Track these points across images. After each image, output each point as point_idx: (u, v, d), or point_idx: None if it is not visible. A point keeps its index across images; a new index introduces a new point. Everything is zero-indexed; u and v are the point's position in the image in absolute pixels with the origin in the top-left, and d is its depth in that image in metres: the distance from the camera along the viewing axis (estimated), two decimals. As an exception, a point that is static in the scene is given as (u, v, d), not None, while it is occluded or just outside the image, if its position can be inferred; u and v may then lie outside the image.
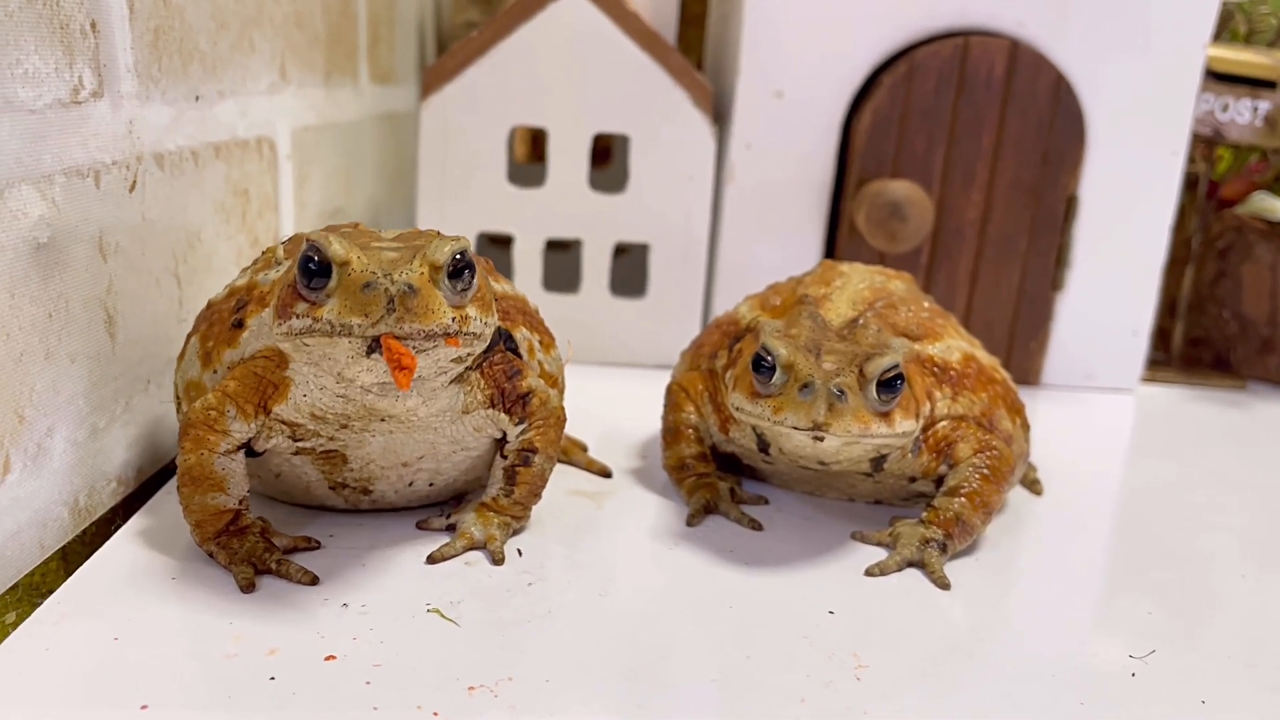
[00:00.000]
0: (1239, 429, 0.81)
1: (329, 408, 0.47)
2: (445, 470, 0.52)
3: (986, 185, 0.80)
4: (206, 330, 0.52)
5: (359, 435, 0.48)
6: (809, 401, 0.49)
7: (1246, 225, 0.90)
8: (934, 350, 0.58)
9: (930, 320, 0.60)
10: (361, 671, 0.41)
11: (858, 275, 0.62)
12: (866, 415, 0.50)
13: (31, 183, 0.46)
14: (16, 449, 0.46)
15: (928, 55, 0.77)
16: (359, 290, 0.41)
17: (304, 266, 0.42)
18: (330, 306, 0.41)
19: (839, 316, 0.57)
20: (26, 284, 0.46)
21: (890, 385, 0.50)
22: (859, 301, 0.59)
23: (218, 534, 0.48)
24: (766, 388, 0.51)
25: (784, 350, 0.51)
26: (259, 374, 0.48)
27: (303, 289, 0.42)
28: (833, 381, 0.49)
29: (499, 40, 0.79)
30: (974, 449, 0.56)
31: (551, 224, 0.83)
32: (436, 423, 0.49)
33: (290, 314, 0.43)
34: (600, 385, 0.80)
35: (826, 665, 0.43)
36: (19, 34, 0.44)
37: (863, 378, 0.50)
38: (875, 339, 0.54)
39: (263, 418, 0.48)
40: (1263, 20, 0.90)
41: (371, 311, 0.41)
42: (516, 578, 0.49)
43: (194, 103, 0.60)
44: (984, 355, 0.61)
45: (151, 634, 0.43)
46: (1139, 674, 0.44)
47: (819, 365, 0.50)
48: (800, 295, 0.60)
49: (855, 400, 0.50)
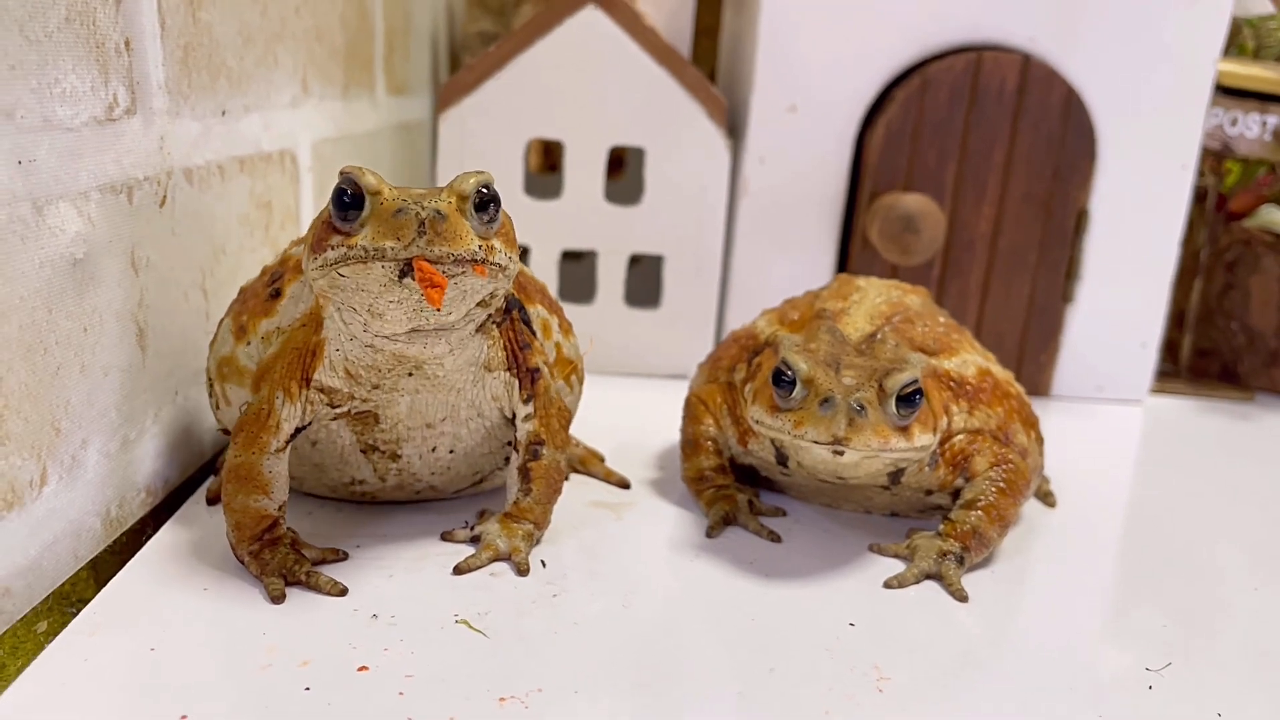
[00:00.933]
0: (1247, 440, 0.81)
1: (360, 359, 0.49)
2: (464, 437, 0.54)
3: (998, 199, 0.81)
4: (239, 309, 0.54)
5: (389, 395, 0.50)
6: (829, 416, 0.50)
7: (1255, 238, 0.90)
8: (950, 365, 0.58)
9: (946, 335, 0.60)
10: (394, 682, 0.42)
11: (874, 289, 0.63)
12: (886, 430, 0.51)
13: (69, 200, 0.47)
14: (53, 461, 0.47)
15: (940, 70, 0.78)
16: (391, 216, 0.43)
17: (338, 199, 0.44)
18: (364, 234, 0.44)
19: (857, 331, 0.58)
20: (63, 299, 0.47)
21: (909, 400, 0.51)
22: (876, 316, 0.60)
23: (254, 538, 0.49)
24: (787, 402, 0.52)
25: (804, 365, 0.52)
26: (297, 348, 0.50)
27: (337, 221, 0.44)
28: (853, 396, 0.50)
29: (516, 54, 0.80)
30: (990, 462, 0.56)
31: (567, 235, 0.84)
32: (459, 381, 0.51)
33: (325, 246, 0.45)
34: (615, 395, 0.80)
35: (849, 677, 0.44)
36: (57, 54, 0.45)
37: (882, 392, 0.51)
38: (894, 354, 0.55)
39: (306, 392, 0.50)
40: (1271, 36, 0.91)
41: (404, 235, 0.43)
42: (541, 589, 0.50)
43: (221, 117, 0.61)
44: (999, 370, 0.62)
45: (187, 645, 0.44)
46: (1155, 686, 0.45)
47: (839, 380, 0.51)
48: (818, 310, 0.61)
49: (875, 415, 0.50)
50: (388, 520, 0.56)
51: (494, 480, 0.58)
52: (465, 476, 0.56)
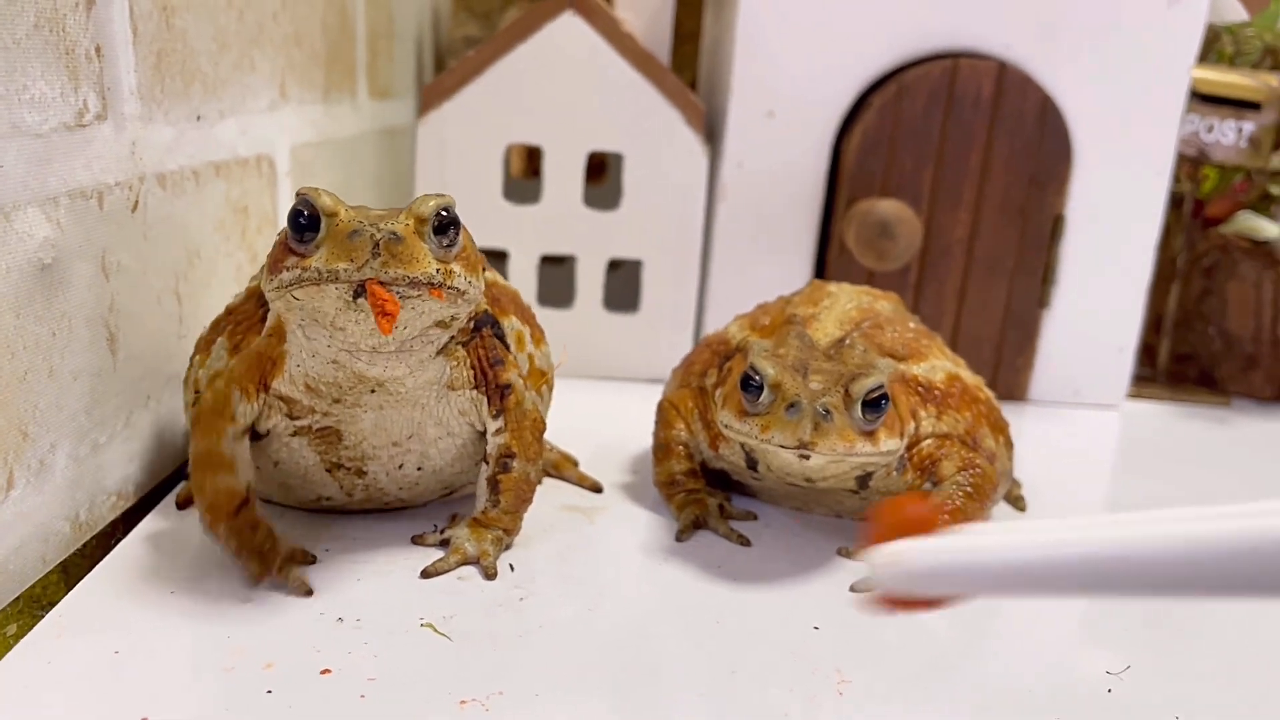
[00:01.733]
0: (1223, 445, 0.82)
1: (321, 376, 0.49)
2: (432, 455, 0.54)
3: (974, 205, 0.82)
4: (234, 329, 0.54)
5: (351, 411, 0.50)
6: (795, 420, 0.51)
7: (1231, 244, 0.91)
8: (919, 370, 0.59)
9: (916, 340, 0.61)
10: (356, 685, 0.42)
11: (845, 295, 0.63)
12: (851, 434, 0.51)
13: (37, 205, 0.47)
14: (20, 465, 0.47)
15: (917, 76, 0.79)
16: (346, 238, 0.43)
17: (294, 221, 0.44)
18: (319, 256, 0.44)
19: (826, 336, 0.58)
20: (31, 304, 0.47)
21: (875, 405, 0.52)
22: (846, 321, 0.60)
23: (229, 515, 0.49)
24: (754, 406, 0.53)
25: (771, 370, 0.52)
26: (260, 353, 0.50)
27: (293, 243, 0.45)
28: (819, 401, 0.51)
29: (496, 59, 0.80)
30: (958, 466, 0.57)
31: (546, 240, 0.84)
32: (423, 398, 0.51)
33: (281, 268, 0.45)
34: (592, 399, 0.81)
35: (810, 680, 0.45)
36: (26, 60, 0.46)
37: (848, 397, 0.51)
38: (861, 358, 0.56)
39: (263, 395, 0.50)
40: (1248, 42, 0.92)
41: (357, 257, 0.43)
42: (509, 593, 0.50)
43: (195, 123, 0.61)
44: (968, 375, 0.62)
45: (151, 647, 0.44)
46: (1115, 690, 0.45)
47: (805, 385, 0.52)
48: (788, 315, 0.61)
49: (841, 419, 0.51)
50: (357, 524, 0.56)
51: (466, 490, 0.59)
52: (435, 490, 0.57)
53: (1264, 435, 0.85)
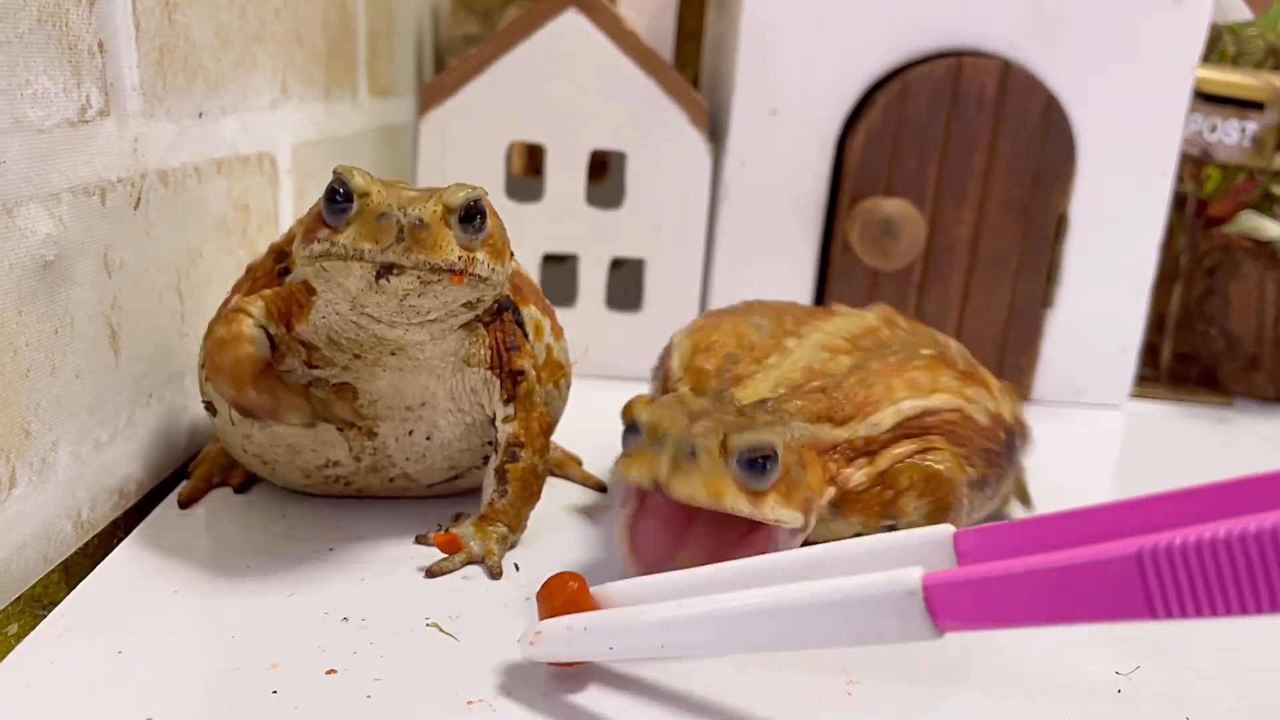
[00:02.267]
0: (1226, 446, 0.82)
1: (343, 332, 0.50)
2: (442, 427, 0.54)
3: (978, 203, 0.81)
4: (250, 288, 0.54)
5: (369, 369, 0.51)
6: (655, 455, 0.45)
7: (1234, 244, 0.91)
8: (856, 431, 0.53)
9: (869, 391, 0.54)
10: (362, 685, 0.42)
11: (800, 351, 0.57)
12: (720, 484, 0.45)
13: (39, 201, 0.47)
14: (22, 463, 0.47)
15: (921, 75, 0.79)
16: (374, 219, 0.44)
17: (330, 195, 0.45)
18: (348, 233, 0.45)
19: (754, 395, 0.53)
20: (33, 301, 0.47)
21: (757, 465, 0.46)
22: (782, 384, 0.54)
23: (253, 378, 0.49)
24: (629, 447, 0.48)
25: (646, 416, 0.47)
26: (292, 292, 0.51)
27: (327, 216, 0.46)
28: (685, 437, 0.45)
29: (498, 57, 0.80)
30: (917, 495, 0.53)
31: (548, 238, 0.84)
32: (440, 367, 0.51)
33: (313, 239, 0.46)
34: (595, 398, 0.80)
35: (817, 681, 0.44)
36: (29, 55, 0.45)
37: (725, 447, 0.45)
38: (774, 416, 0.50)
39: (283, 330, 0.50)
40: (1251, 42, 0.92)
41: (382, 239, 0.44)
42: (514, 592, 0.50)
43: (197, 120, 0.61)
44: (944, 403, 0.56)
45: (155, 648, 0.43)
46: (1124, 690, 0.45)
47: (686, 426, 0.46)
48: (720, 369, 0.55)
49: (710, 464, 0.45)
50: (362, 521, 0.56)
51: (470, 479, 0.58)
52: (441, 469, 0.56)
53: (1266, 436, 0.85)
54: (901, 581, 0.34)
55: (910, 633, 0.34)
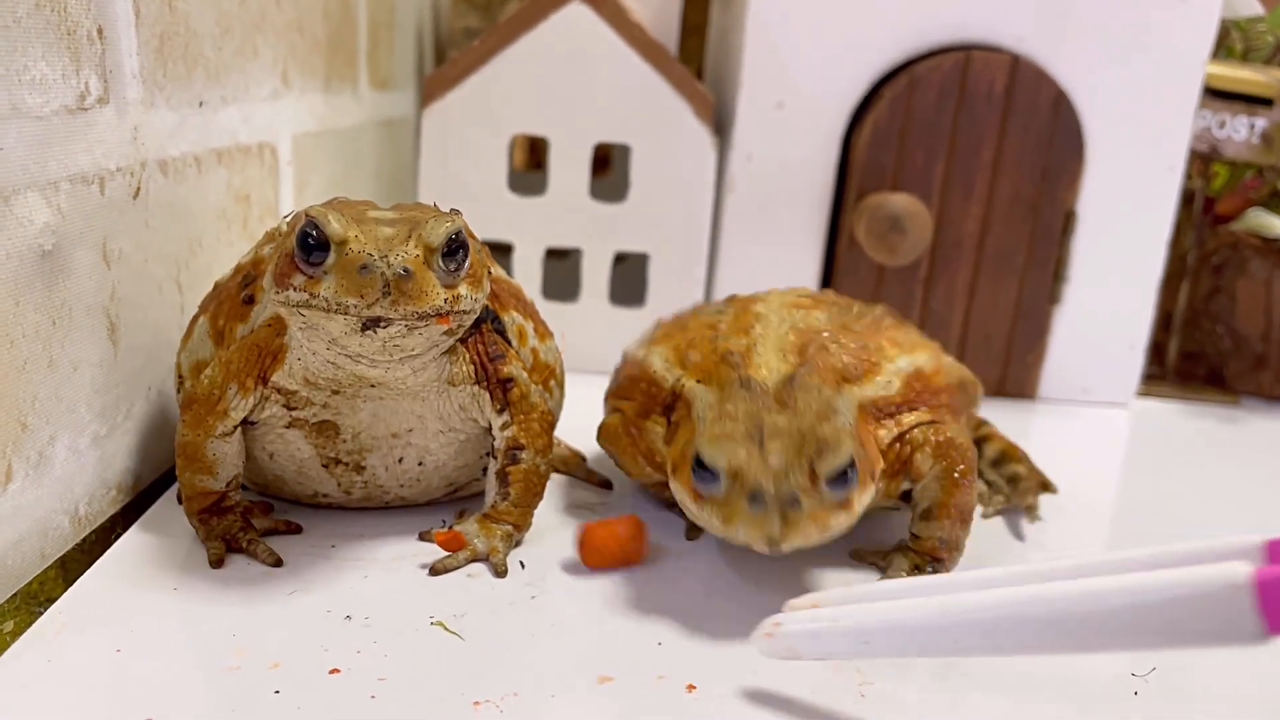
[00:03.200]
0: (1232, 444, 0.81)
1: (320, 372, 0.48)
2: (434, 450, 0.53)
3: (986, 199, 0.81)
4: (216, 309, 0.53)
5: (350, 401, 0.49)
6: (761, 516, 0.45)
7: (1242, 241, 0.90)
8: (872, 390, 0.54)
9: (863, 349, 0.55)
10: (366, 685, 0.41)
11: (774, 314, 0.57)
12: (824, 515, 0.46)
13: (37, 190, 0.46)
14: (19, 457, 0.46)
15: (929, 69, 0.78)
16: (356, 272, 0.42)
17: (303, 242, 0.43)
18: (327, 284, 0.43)
19: (772, 372, 0.51)
20: (31, 291, 0.46)
21: (843, 478, 0.46)
22: (788, 349, 0.53)
23: (202, 510, 0.50)
24: (708, 489, 0.47)
25: (723, 461, 0.46)
26: (259, 346, 0.49)
27: (301, 263, 0.44)
28: (783, 489, 0.45)
29: (501, 49, 0.79)
30: (932, 456, 0.53)
31: (551, 232, 0.83)
32: (424, 392, 0.50)
33: (288, 284, 0.44)
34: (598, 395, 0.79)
35: (832, 682, 0.43)
36: (27, 41, 0.44)
37: (814, 475, 0.46)
38: (820, 402, 0.49)
39: (261, 389, 0.49)
40: (1260, 38, 0.91)
41: (367, 294, 0.42)
42: (519, 590, 0.49)
43: (198, 109, 0.60)
44: (925, 356, 0.57)
45: (154, 646, 0.43)
46: (1141, 692, 0.44)
47: (764, 461, 0.45)
48: (723, 353, 0.53)
49: (811, 503, 0.45)
50: (364, 520, 0.55)
51: (472, 489, 0.57)
52: (438, 488, 0.56)
53: (1273, 434, 0.84)
54: (1229, 575, 0.30)
55: (1234, 634, 0.31)
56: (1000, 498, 0.63)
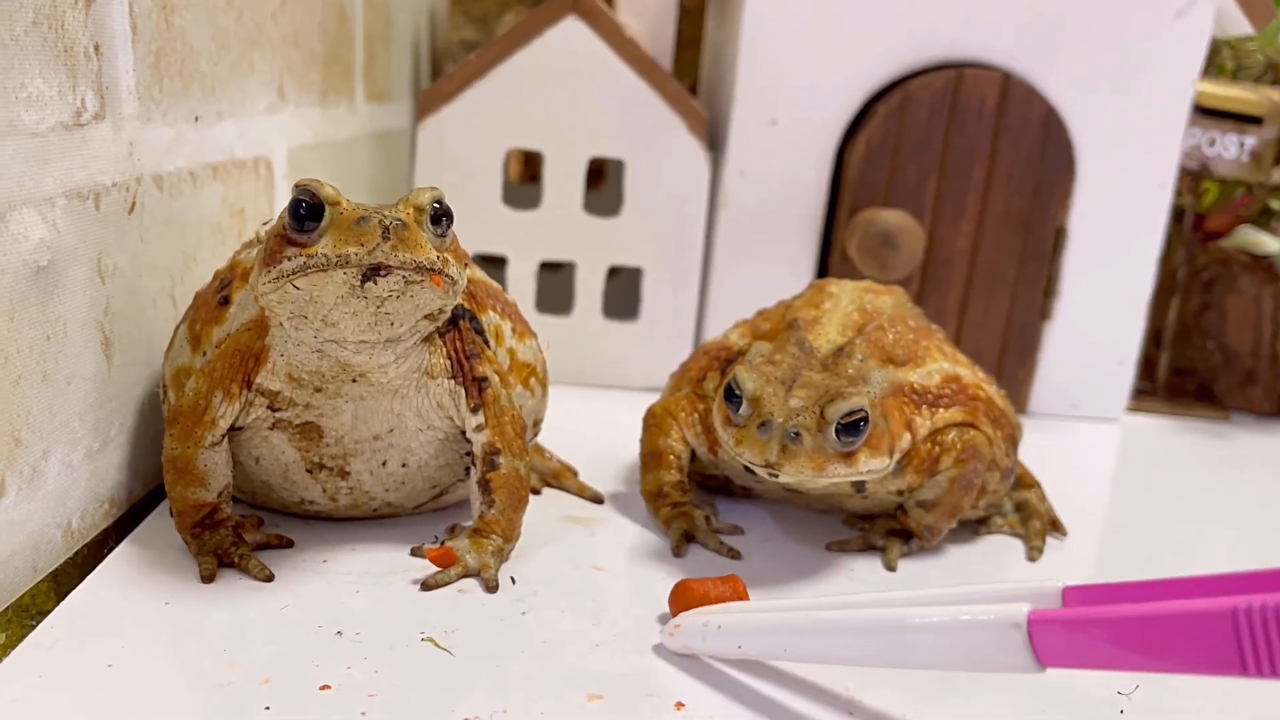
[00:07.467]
0: (1222, 460, 0.81)
1: (304, 365, 0.49)
2: (415, 449, 0.53)
3: (977, 216, 0.81)
4: (194, 315, 0.54)
5: (332, 401, 0.50)
6: (764, 440, 0.50)
7: (1231, 258, 0.91)
8: (914, 377, 0.58)
9: (915, 342, 0.60)
10: (357, 702, 0.41)
11: (847, 295, 0.62)
12: (822, 458, 0.50)
13: (33, 206, 0.46)
14: (12, 472, 0.46)
15: (921, 86, 0.78)
16: (353, 224, 0.44)
17: (295, 211, 0.45)
18: (325, 243, 0.44)
19: (828, 343, 0.57)
20: (25, 307, 0.46)
21: (852, 428, 0.50)
22: (849, 326, 0.59)
23: (194, 524, 0.51)
24: (735, 418, 0.52)
25: (751, 384, 0.52)
26: (241, 350, 0.50)
27: (293, 233, 0.45)
28: (790, 422, 0.50)
29: (496, 63, 0.79)
30: (954, 458, 0.56)
31: (545, 246, 0.83)
32: (403, 387, 0.51)
33: (280, 258, 0.45)
34: (591, 408, 0.80)
35: (819, 699, 0.44)
36: (24, 58, 0.45)
37: (822, 419, 0.50)
38: (857, 369, 0.55)
39: (246, 394, 0.50)
40: (1250, 56, 0.92)
41: (367, 241, 0.44)
42: (510, 606, 0.49)
43: (193, 124, 0.60)
44: (968, 373, 0.61)
45: (145, 661, 0.43)
46: (1126, 711, 0.45)
47: (785, 401, 0.51)
48: (790, 319, 0.60)
49: (811, 442, 0.50)
50: (356, 535, 0.55)
51: (456, 494, 0.58)
52: (423, 491, 0.56)
53: (1262, 450, 0.84)
54: (1010, 615, 0.36)
55: (1013, 664, 0.36)
56: (1006, 525, 0.63)
